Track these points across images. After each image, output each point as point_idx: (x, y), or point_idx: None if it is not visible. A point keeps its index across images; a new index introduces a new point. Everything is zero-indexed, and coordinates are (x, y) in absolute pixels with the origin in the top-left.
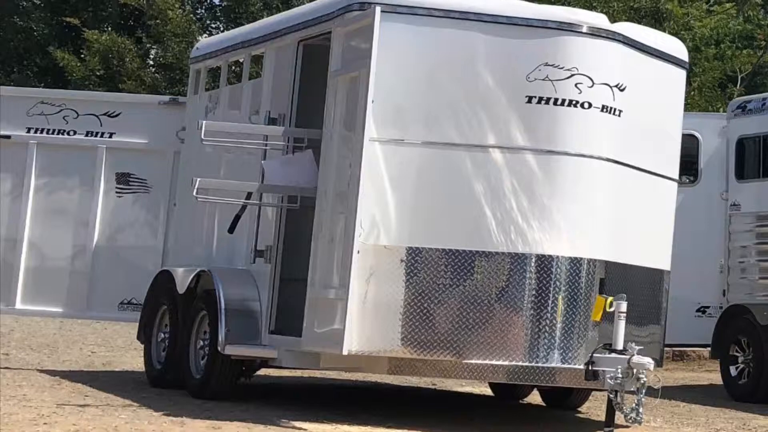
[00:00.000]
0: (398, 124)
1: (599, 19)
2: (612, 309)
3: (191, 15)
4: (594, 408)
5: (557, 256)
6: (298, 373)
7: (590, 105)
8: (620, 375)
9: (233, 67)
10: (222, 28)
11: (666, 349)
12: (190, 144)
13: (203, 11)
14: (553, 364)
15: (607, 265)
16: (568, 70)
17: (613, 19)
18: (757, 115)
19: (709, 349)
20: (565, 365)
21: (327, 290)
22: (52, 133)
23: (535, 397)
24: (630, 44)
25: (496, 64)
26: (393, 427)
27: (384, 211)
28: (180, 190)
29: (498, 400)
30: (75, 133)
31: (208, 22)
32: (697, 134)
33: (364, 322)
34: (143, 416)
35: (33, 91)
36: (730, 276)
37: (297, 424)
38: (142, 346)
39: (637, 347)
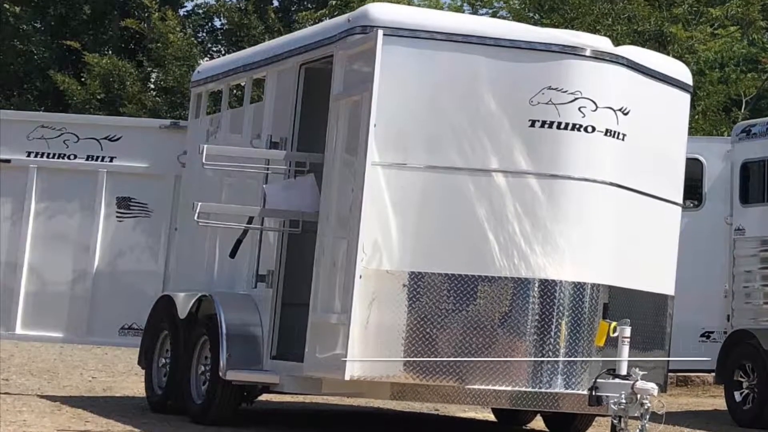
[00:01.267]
0: (400, 147)
1: (603, 43)
2: (616, 334)
3: (192, 38)
4: None
5: (560, 281)
6: (299, 398)
7: (594, 129)
8: (624, 400)
9: (234, 91)
10: (223, 52)
11: (670, 374)
12: (192, 168)
13: (204, 35)
14: (556, 390)
15: (611, 289)
16: (572, 93)
17: (616, 43)
18: (761, 139)
19: (713, 374)
20: (569, 390)
21: (329, 315)
22: (53, 157)
23: (538, 423)
24: (634, 68)
25: (499, 88)
26: None
27: (386, 236)
28: (181, 215)
29: (501, 425)
30: (75, 157)
31: (209, 45)
32: (701, 158)
33: (367, 347)
34: None
35: (33, 115)
36: (735, 301)
37: None
38: (143, 371)
39: (641, 372)
